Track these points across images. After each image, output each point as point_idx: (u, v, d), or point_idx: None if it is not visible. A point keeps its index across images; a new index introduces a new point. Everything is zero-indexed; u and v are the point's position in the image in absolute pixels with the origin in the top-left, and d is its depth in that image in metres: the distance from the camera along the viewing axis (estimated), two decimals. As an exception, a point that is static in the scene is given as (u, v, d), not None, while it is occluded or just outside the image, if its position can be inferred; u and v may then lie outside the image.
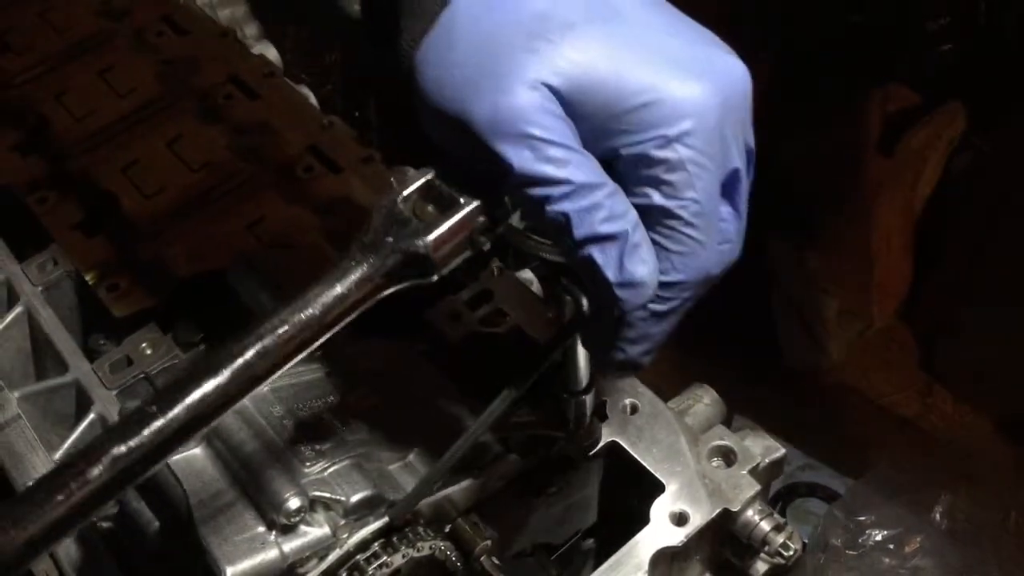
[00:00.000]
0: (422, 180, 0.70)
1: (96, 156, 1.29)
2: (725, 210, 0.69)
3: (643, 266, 0.66)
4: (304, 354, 0.66)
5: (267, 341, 0.64)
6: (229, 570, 0.78)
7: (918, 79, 2.40)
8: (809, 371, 2.37)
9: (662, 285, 0.68)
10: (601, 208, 0.64)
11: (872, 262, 2.34)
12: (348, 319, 0.67)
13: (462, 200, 0.68)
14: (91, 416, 1.05)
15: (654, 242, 0.67)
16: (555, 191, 0.64)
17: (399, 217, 0.68)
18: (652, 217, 0.66)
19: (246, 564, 0.79)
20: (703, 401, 1.02)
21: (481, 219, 0.69)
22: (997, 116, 2.31)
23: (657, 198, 0.65)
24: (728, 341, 2.31)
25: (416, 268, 0.68)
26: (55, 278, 1.19)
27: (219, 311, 1.12)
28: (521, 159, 0.64)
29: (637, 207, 0.66)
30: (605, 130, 0.65)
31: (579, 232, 0.65)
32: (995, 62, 2.29)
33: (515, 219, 0.72)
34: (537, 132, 0.63)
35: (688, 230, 0.66)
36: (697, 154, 0.64)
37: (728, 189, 0.68)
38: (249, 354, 0.63)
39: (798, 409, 2.23)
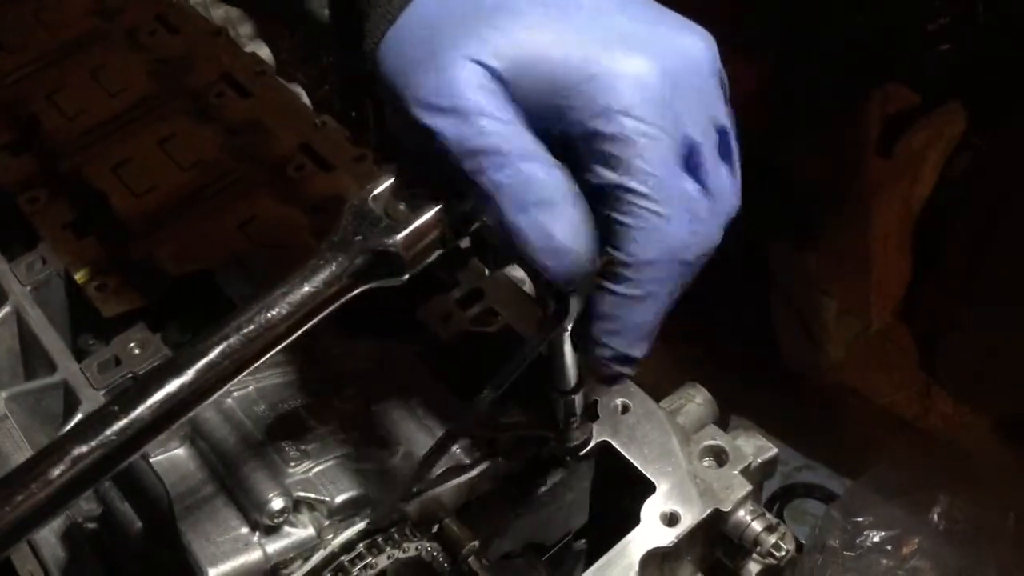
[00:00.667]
0: (393, 178, 0.69)
1: (87, 155, 1.29)
2: (691, 187, 0.67)
3: (570, 230, 0.65)
4: (271, 353, 0.65)
5: (232, 340, 0.63)
6: (211, 571, 0.77)
7: (918, 79, 2.39)
8: (808, 371, 2.36)
9: (631, 266, 0.67)
10: (533, 180, 0.64)
11: (871, 262, 2.34)
12: (316, 319, 0.66)
13: (434, 199, 0.67)
14: (79, 416, 1.04)
15: (616, 222, 0.66)
16: (487, 162, 0.64)
17: (369, 215, 0.67)
18: (610, 196, 0.66)
19: (228, 565, 0.78)
20: (695, 400, 1.01)
21: (453, 218, 0.68)
22: (997, 116, 2.30)
23: (610, 175, 0.65)
24: (727, 341, 2.30)
25: (386, 267, 0.67)
26: (44, 277, 1.18)
27: (209, 311, 1.11)
28: (452, 131, 0.64)
29: (595, 189, 0.65)
30: (554, 110, 0.65)
31: (509, 203, 0.65)
32: (995, 62, 2.28)
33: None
34: (468, 105, 0.64)
35: (645, 203, 0.65)
36: (645, 125, 0.64)
37: (691, 165, 0.67)
38: (214, 353, 0.62)
39: (797, 409, 2.22)
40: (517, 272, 1.16)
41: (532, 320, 1.05)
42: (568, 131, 0.65)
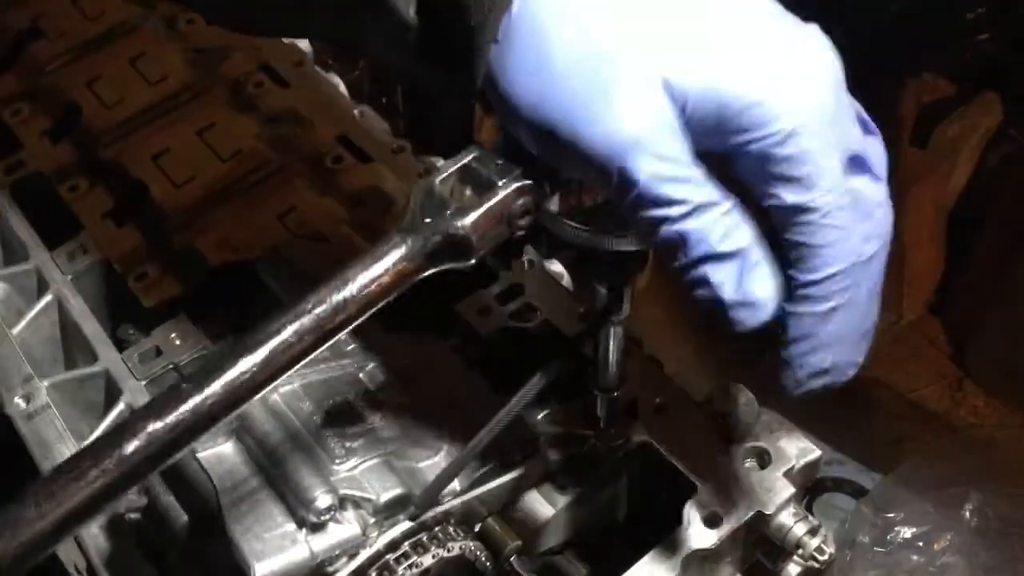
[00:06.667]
0: (460, 163, 0.69)
1: (127, 144, 1.29)
2: (858, 188, 0.65)
3: (763, 284, 0.64)
4: (341, 334, 0.65)
5: (305, 320, 0.63)
6: (258, 567, 0.77)
7: (954, 69, 2.36)
8: (837, 364, 2.34)
9: (817, 283, 0.65)
10: (718, 226, 0.62)
11: (903, 254, 2.31)
12: (385, 300, 0.66)
13: (500, 183, 0.68)
14: (120, 406, 1.05)
15: (796, 244, 0.64)
16: (673, 212, 0.62)
17: (437, 199, 0.67)
18: (786, 216, 0.63)
19: (275, 561, 0.78)
20: (738, 401, 1.00)
21: (520, 202, 0.68)
22: (1034, 108, 2.27)
23: (788, 197, 0.62)
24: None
25: (454, 250, 0.67)
26: (85, 267, 1.19)
27: (249, 302, 1.11)
28: (642, 182, 0.62)
29: (769, 208, 0.64)
30: (719, 131, 0.62)
31: (695, 252, 0.63)
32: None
33: (552, 204, 0.71)
34: (659, 151, 0.61)
35: (826, 220, 0.63)
36: (820, 142, 0.62)
37: (857, 162, 0.65)
38: (287, 333, 0.62)
39: (825, 402, 2.19)
40: (556, 267, 1.15)
41: (571, 316, 1.05)
42: (735, 151, 0.63)
